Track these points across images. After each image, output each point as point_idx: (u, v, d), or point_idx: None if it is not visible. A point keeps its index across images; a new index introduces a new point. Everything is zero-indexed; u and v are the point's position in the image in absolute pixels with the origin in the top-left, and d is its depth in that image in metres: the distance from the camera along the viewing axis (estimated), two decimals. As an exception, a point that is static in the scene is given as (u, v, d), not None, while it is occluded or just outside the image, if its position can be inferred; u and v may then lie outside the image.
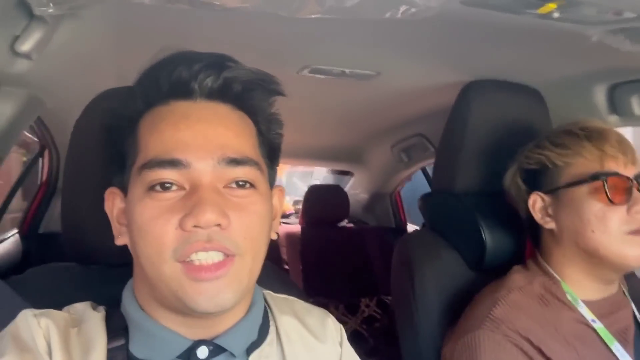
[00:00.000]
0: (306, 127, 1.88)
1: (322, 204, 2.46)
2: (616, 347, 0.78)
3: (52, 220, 1.76)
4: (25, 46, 0.67)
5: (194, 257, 0.49)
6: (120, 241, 0.58)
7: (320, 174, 4.31)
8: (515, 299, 0.83)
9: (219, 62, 0.55)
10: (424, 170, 2.29)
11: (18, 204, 1.88)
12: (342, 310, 2.10)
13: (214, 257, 0.50)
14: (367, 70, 1.13)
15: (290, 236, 2.35)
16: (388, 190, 2.53)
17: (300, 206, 2.69)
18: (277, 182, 0.65)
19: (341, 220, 2.53)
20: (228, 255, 0.50)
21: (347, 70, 1.12)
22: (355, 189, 2.72)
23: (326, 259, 2.29)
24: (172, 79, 0.54)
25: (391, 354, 2.07)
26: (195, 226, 0.49)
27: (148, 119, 0.56)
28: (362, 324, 2.11)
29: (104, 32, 0.86)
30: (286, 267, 2.24)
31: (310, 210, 2.47)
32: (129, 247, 0.56)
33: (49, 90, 0.94)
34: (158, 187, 0.51)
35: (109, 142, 0.59)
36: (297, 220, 2.75)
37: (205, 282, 0.49)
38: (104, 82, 0.75)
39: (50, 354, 0.50)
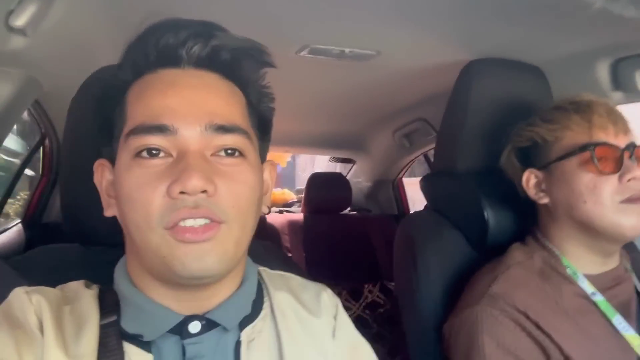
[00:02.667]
0: (307, 114, 1.87)
1: (324, 192, 2.45)
2: (617, 320, 0.78)
3: (55, 209, 1.76)
4: (20, 21, 0.66)
5: (181, 224, 0.49)
6: (109, 212, 0.57)
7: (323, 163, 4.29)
8: (514, 274, 0.83)
9: (207, 30, 0.54)
10: (426, 156, 2.28)
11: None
12: (346, 296, 2.10)
13: (201, 222, 0.49)
14: (367, 49, 1.12)
15: (293, 224, 2.34)
16: (390, 177, 2.52)
17: (302, 195, 2.68)
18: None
19: (344, 208, 2.53)
20: (214, 221, 0.50)
21: (347, 50, 1.11)
22: (358, 176, 2.71)
23: (329, 246, 2.29)
24: (159, 47, 0.53)
25: (395, 339, 2.08)
26: (182, 192, 0.48)
27: (136, 87, 0.55)
28: (366, 310, 2.12)
29: (100, 9, 0.84)
30: (289, 255, 2.24)
31: (313, 199, 2.46)
32: (118, 218, 0.55)
33: (46, 71, 0.93)
34: (145, 154, 0.50)
35: (98, 114, 0.59)
36: (300, 209, 2.74)
37: (191, 244, 0.49)
38: (101, 62, 0.74)
39: (41, 329, 0.50)
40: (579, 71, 1.11)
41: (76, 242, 0.76)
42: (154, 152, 0.51)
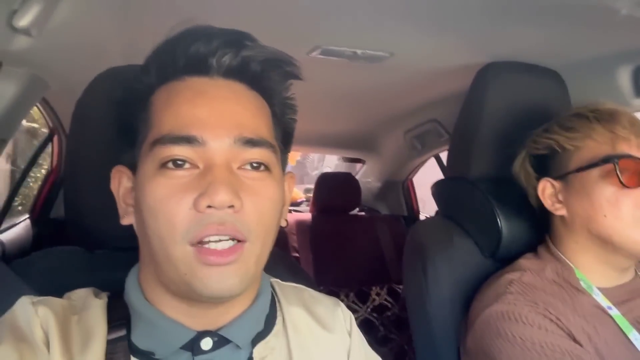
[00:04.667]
0: (317, 113, 1.85)
1: (333, 192, 2.44)
2: (634, 336, 0.76)
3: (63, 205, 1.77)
4: (24, 21, 0.65)
5: (205, 240, 0.48)
6: (125, 221, 0.56)
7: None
8: (529, 279, 0.81)
9: (238, 40, 0.53)
10: (437, 158, 2.25)
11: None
12: (353, 299, 2.08)
13: (225, 245, 0.48)
14: (380, 51, 1.10)
15: (300, 224, 2.33)
16: (400, 178, 2.50)
17: (311, 194, 2.67)
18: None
19: (352, 208, 2.51)
20: (239, 241, 0.49)
21: (359, 52, 1.09)
22: (367, 176, 2.69)
23: (337, 247, 2.27)
24: (189, 54, 0.52)
25: (402, 343, 2.06)
26: (208, 206, 0.47)
27: (162, 94, 0.54)
28: (373, 312, 2.10)
29: (106, 10, 0.83)
30: (296, 255, 2.23)
31: (321, 198, 2.45)
32: (135, 227, 0.54)
33: (52, 70, 0.92)
34: (171, 165, 0.49)
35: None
36: (308, 209, 2.73)
37: (214, 267, 0.48)
38: (109, 62, 0.73)
39: (47, 343, 0.49)
40: (599, 77, 1.08)
41: (80, 245, 0.74)
42: (179, 162, 0.49)
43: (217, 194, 0.46)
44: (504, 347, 0.74)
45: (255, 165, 0.52)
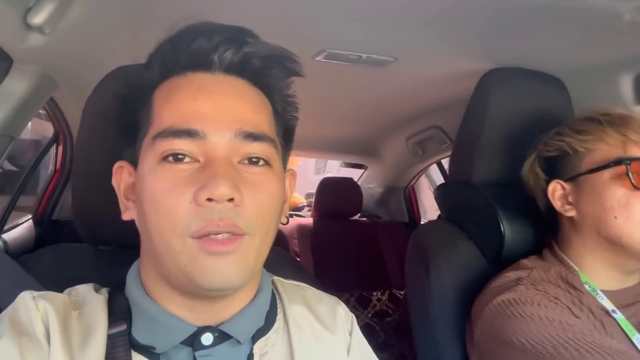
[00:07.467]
0: (320, 118, 1.85)
1: (334, 197, 2.44)
2: (637, 339, 0.76)
3: (66, 207, 1.77)
4: (38, 18, 0.66)
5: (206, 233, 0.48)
6: (126, 216, 0.56)
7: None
8: (537, 276, 0.82)
9: (240, 36, 0.54)
10: (439, 164, 2.25)
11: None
12: (354, 304, 2.08)
13: (225, 235, 0.48)
14: (384, 55, 1.11)
15: (302, 228, 2.33)
16: (402, 185, 2.50)
17: (312, 199, 2.67)
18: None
19: (354, 213, 2.51)
20: (237, 235, 0.49)
21: (363, 56, 1.10)
22: (369, 182, 2.69)
23: (338, 252, 2.27)
24: (191, 50, 0.53)
25: (402, 349, 2.05)
26: (209, 199, 0.47)
27: (164, 89, 0.54)
28: (374, 318, 2.09)
29: (118, 10, 0.84)
30: (297, 259, 2.23)
31: (323, 203, 2.45)
32: (137, 222, 0.55)
33: (62, 70, 0.92)
34: (171, 158, 0.50)
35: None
36: (310, 214, 2.73)
37: (215, 256, 0.48)
38: (117, 62, 0.74)
39: (48, 338, 0.49)
40: (601, 84, 1.09)
41: (87, 242, 0.75)
42: (180, 156, 0.50)
43: (217, 187, 0.47)
44: (518, 327, 0.74)
45: (255, 159, 0.52)
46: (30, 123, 0.99)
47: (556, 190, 0.86)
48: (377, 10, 0.87)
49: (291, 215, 2.78)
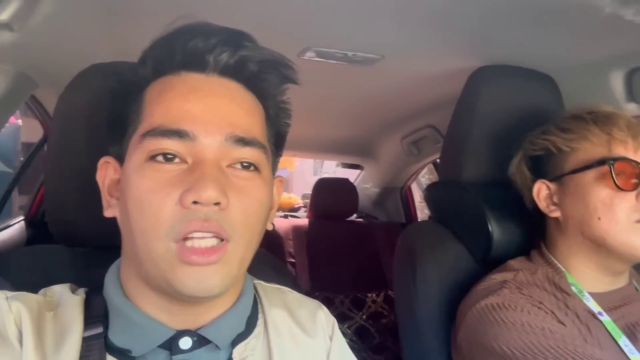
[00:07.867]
0: (314, 118, 1.84)
1: (330, 198, 2.43)
2: (624, 342, 0.74)
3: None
4: (4, 15, 0.64)
5: (188, 240, 0.47)
6: (109, 213, 0.55)
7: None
8: (523, 278, 0.80)
9: (237, 39, 0.53)
10: (434, 164, 2.24)
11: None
12: (348, 305, 2.06)
13: (209, 242, 0.48)
14: (371, 53, 1.09)
15: (297, 229, 2.32)
16: (398, 185, 2.49)
17: (308, 200, 2.66)
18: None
19: (350, 214, 2.50)
20: (222, 240, 0.48)
21: (350, 53, 1.08)
22: (365, 183, 2.68)
23: (333, 253, 2.26)
24: (187, 49, 0.52)
25: (397, 351, 2.03)
26: (195, 202, 0.46)
27: (156, 87, 0.53)
28: (368, 319, 2.07)
29: (94, 6, 0.82)
30: (292, 260, 2.22)
31: (319, 204, 2.44)
32: (119, 220, 0.54)
33: (39, 68, 0.91)
34: (160, 158, 0.49)
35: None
36: (306, 214, 2.72)
37: (195, 266, 0.47)
38: (98, 60, 0.72)
39: (21, 340, 0.48)
40: (592, 81, 1.07)
41: (61, 242, 0.74)
42: (169, 156, 0.49)
43: (204, 189, 0.46)
44: (500, 333, 0.72)
45: (245, 164, 0.51)
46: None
47: (541, 191, 0.84)
48: (362, 8, 0.85)
49: (287, 216, 2.77)
